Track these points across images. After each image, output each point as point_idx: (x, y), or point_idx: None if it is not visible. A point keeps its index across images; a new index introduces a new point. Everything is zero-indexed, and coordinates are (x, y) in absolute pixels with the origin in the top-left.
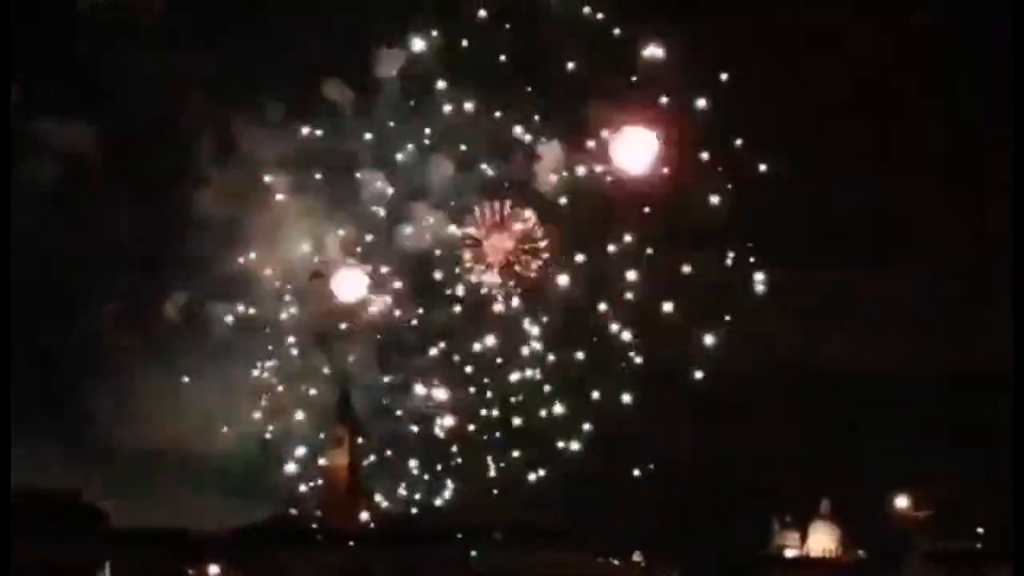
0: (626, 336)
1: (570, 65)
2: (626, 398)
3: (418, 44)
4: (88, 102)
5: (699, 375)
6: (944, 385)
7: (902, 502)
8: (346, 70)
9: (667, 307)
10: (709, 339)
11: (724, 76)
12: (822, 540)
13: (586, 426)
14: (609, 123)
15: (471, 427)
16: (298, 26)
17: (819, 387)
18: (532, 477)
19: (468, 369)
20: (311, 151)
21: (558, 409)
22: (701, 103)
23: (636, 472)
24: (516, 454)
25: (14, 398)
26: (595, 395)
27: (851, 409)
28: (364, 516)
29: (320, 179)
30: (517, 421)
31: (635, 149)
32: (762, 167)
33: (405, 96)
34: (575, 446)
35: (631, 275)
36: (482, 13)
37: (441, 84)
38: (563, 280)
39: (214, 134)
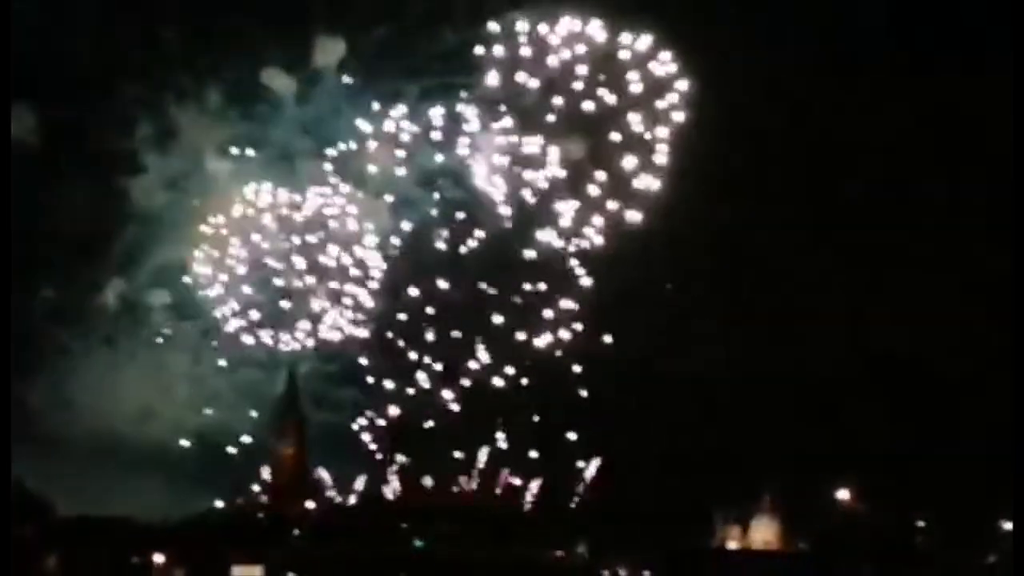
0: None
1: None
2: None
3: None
4: (25, 87)
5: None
6: (878, 372)
7: (844, 494)
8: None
9: None
10: None
11: None
12: (763, 533)
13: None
14: None
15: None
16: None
17: (757, 380)
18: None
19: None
20: (251, 138)
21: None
22: None
23: (580, 463)
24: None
25: None
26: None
27: (791, 400)
28: (311, 505)
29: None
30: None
31: None
32: None
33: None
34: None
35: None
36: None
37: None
38: None
39: (153, 120)
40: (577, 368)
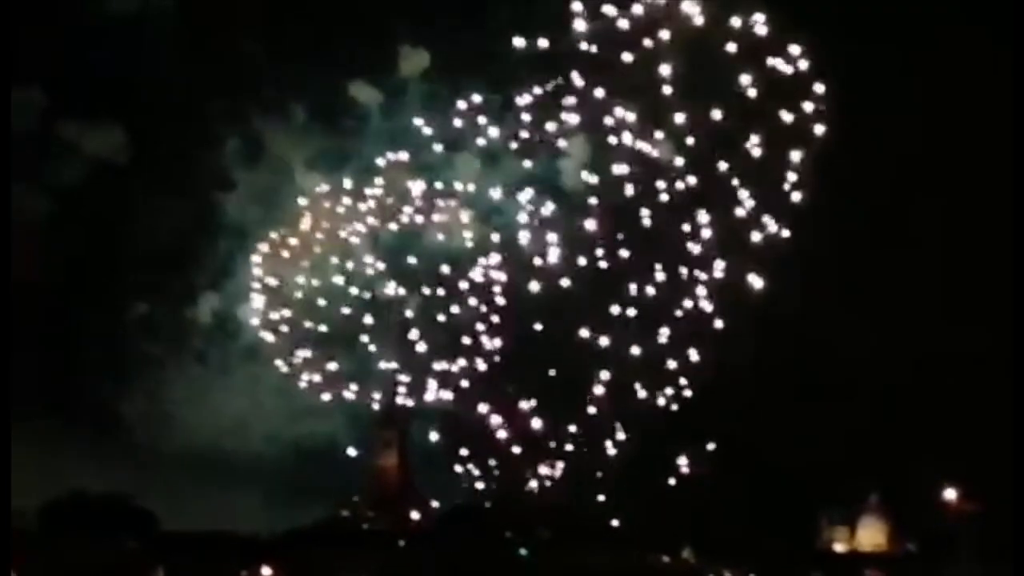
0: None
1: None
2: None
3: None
4: (113, 105)
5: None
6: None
7: (951, 495)
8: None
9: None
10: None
11: None
12: (871, 534)
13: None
14: None
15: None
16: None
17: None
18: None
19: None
20: (338, 150)
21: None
22: None
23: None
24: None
25: (44, 403)
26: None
27: (896, 399)
28: (415, 516)
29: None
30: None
31: None
32: None
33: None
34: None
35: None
36: None
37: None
38: None
39: (240, 135)
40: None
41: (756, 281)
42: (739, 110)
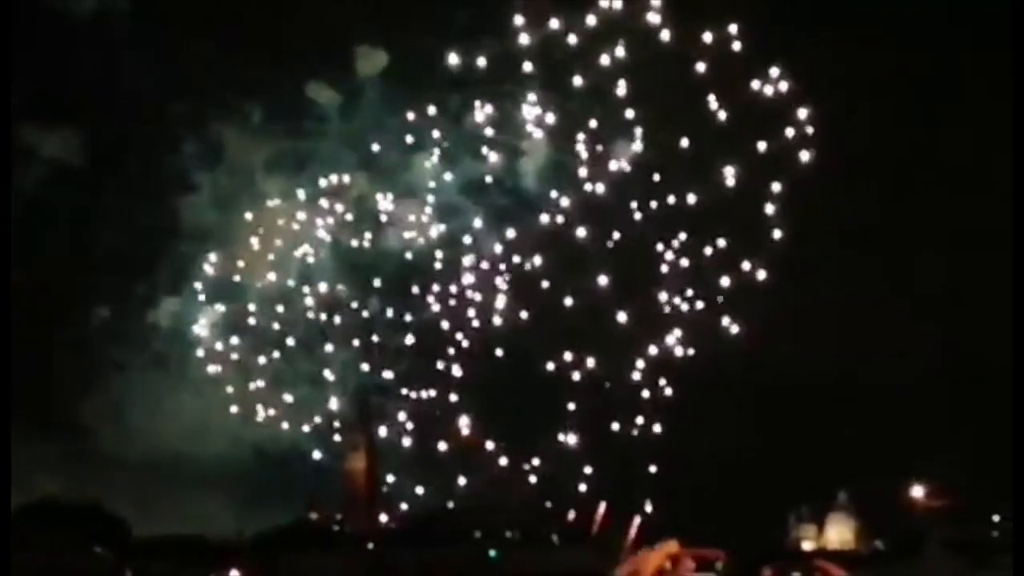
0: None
1: None
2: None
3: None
4: (71, 108)
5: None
6: (954, 372)
7: (918, 492)
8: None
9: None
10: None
11: None
12: (839, 532)
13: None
14: None
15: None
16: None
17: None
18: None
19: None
20: (296, 153)
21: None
22: None
23: (652, 468)
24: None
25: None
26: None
27: (863, 399)
28: (384, 519)
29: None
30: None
31: None
32: None
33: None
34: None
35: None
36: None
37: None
38: None
39: (199, 138)
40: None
41: (731, 326)
42: (710, 136)
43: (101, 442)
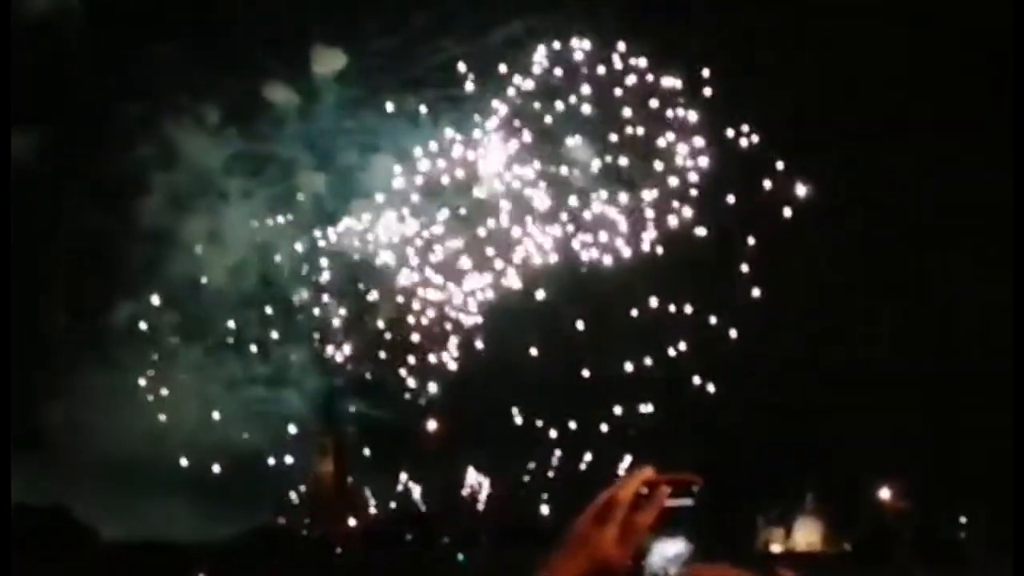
0: None
1: None
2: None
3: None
4: (23, 110)
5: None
6: (921, 377)
7: (885, 494)
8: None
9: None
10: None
11: None
12: (807, 535)
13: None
14: None
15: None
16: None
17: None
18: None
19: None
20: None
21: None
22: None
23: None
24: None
25: None
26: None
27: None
28: (352, 523)
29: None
30: None
31: None
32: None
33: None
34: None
35: None
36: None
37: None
38: None
39: (154, 139)
40: None
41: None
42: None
43: (61, 447)
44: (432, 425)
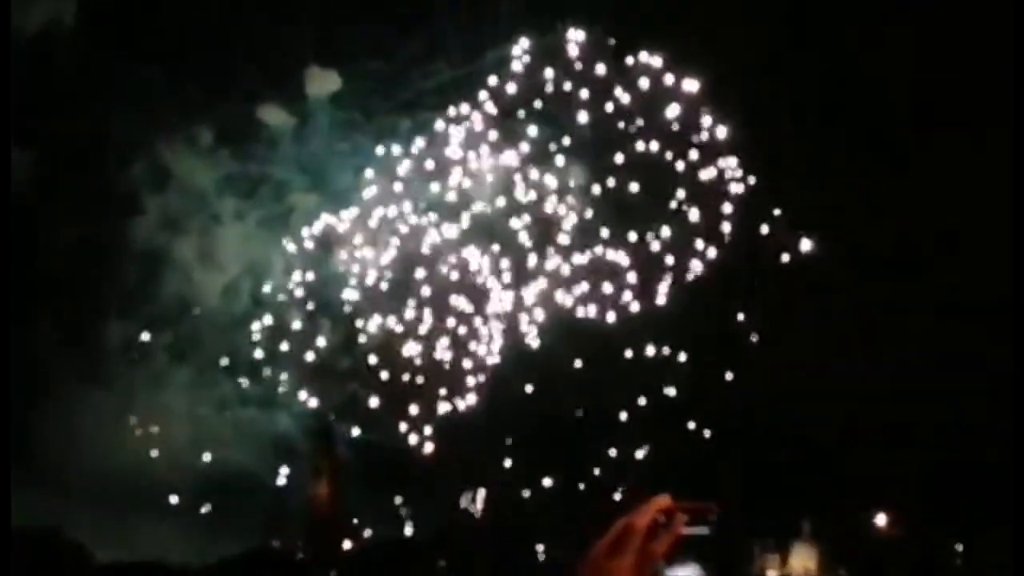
0: None
1: None
2: None
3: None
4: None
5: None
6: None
7: (881, 520)
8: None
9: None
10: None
11: None
12: (803, 561)
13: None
14: None
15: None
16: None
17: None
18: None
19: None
20: (247, 176)
21: None
22: None
23: (617, 496)
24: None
25: None
26: None
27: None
28: (347, 545)
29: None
30: None
31: None
32: None
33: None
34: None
35: None
36: None
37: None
38: None
39: (147, 161)
40: None
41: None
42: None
43: (52, 468)
44: (429, 448)
